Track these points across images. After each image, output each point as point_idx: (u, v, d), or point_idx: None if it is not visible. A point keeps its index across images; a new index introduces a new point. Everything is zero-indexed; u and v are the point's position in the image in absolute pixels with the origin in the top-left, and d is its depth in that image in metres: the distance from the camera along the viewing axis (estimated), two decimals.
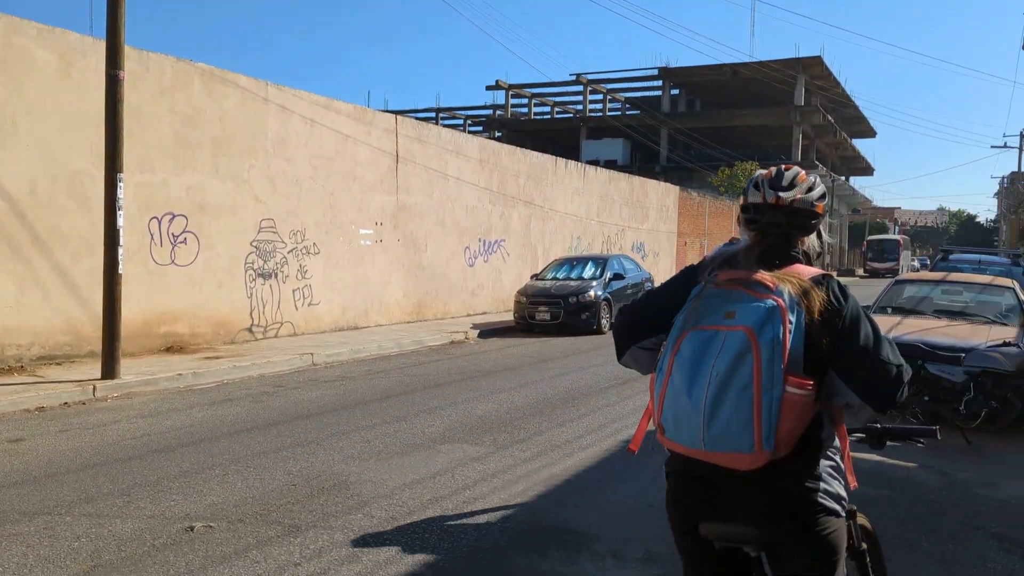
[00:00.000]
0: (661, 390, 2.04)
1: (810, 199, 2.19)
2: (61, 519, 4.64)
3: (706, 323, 2.02)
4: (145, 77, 11.04)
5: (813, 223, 2.20)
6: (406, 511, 4.88)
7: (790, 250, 2.19)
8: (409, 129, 16.51)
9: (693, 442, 1.98)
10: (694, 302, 2.10)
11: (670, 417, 2.02)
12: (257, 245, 12.95)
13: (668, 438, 2.05)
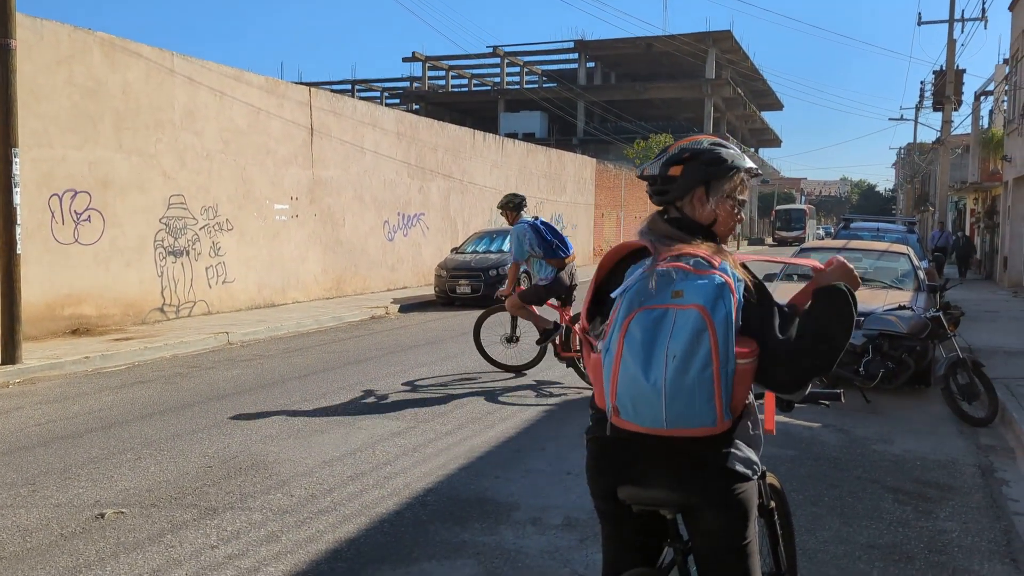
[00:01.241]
0: (612, 372, 2.03)
1: (657, 165, 2.27)
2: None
3: (654, 302, 2.02)
4: (40, 46, 10.47)
5: (667, 187, 2.24)
6: (326, 488, 4.86)
7: (674, 217, 2.25)
8: (324, 102, 16.16)
9: (655, 422, 2.00)
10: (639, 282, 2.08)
11: (627, 400, 2.02)
12: (167, 222, 12.52)
13: (625, 419, 2.04)
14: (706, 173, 2.23)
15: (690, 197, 2.25)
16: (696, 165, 2.23)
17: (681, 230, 2.22)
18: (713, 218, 2.26)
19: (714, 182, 2.24)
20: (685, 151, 2.25)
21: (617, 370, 2.02)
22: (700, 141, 2.29)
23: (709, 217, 2.26)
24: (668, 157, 2.26)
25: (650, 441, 2.10)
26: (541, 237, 8.06)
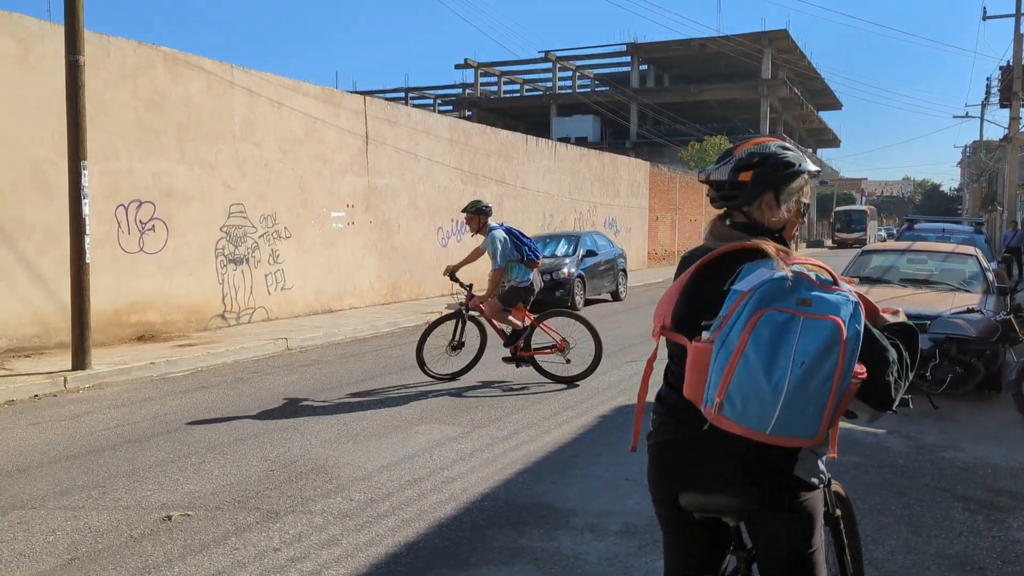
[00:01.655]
0: (727, 367, 1.93)
1: (724, 170, 2.22)
2: (36, 513, 4.61)
3: (780, 305, 1.95)
4: (107, 62, 10.84)
5: (736, 192, 2.20)
6: (384, 493, 4.91)
7: (739, 222, 2.22)
8: (378, 110, 16.37)
9: (760, 425, 1.91)
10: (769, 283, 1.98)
11: (737, 397, 1.91)
12: (227, 231, 12.82)
13: (726, 416, 1.94)
14: (775, 178, 2.19)
15: (759, 202, 2.21)
16: (765, 170, 2.19)
17: (749, 234, 2.18)
18: (783, 223, 2.23)
19: (782, 186, 2.21)
20: (754, 155, 2.21)
21: (734, 365, 1.92)
22: (766, 145, 2.25)
23: (780, 222, 2.22)
24: (737, 162, 2.21)
25: (714, 446, 2.07)
26: (517, 241, 8.38)
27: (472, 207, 8.53)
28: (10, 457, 5.85)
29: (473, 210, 8.51)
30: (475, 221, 8.52)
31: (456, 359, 8.65)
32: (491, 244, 8.33)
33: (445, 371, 8.57)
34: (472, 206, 8.54)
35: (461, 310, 8.60)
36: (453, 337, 8.63)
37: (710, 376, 1.97)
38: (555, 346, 8.49)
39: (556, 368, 8.54)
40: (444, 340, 8.66)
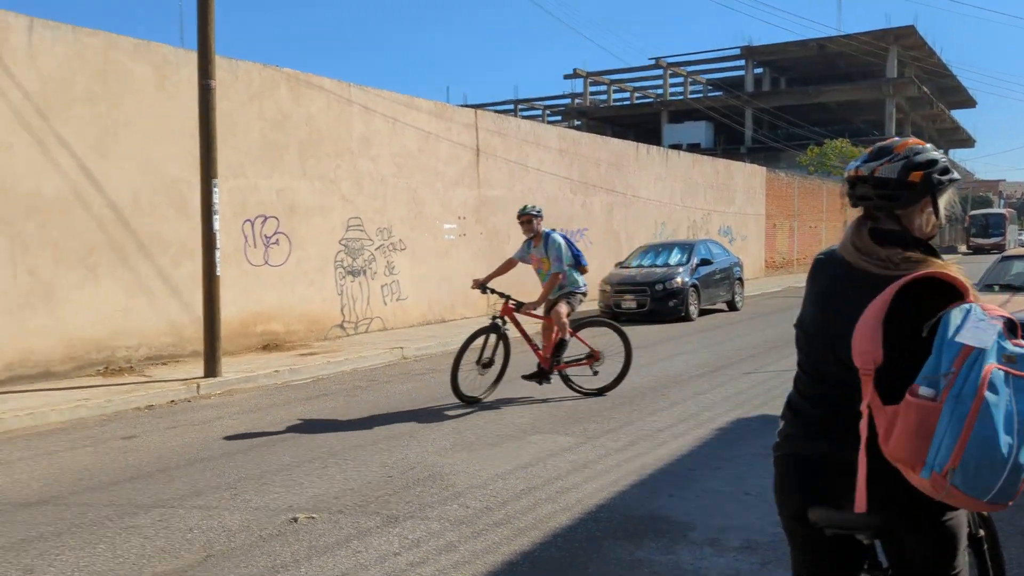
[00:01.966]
0: (964, 428, 1.72)
1: (894, 167, 2.04)
2: (174, 512, 4.87)
3: (996, 362, 1.77)
4: (235, 85, 11.44)
5: (902, 193, 2.04)
6: (500, 501, 4.93)
7: (888, 229, 2.08)
8: (489, 123, 16.59)
9: (983, 493, 1.73)
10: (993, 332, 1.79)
11: (971, 464, 1.71)
12: (345, 243, 13.27)
13: (954, 485, 1.73)
14: (938, 183, 2.05)
15: (918, 207, 2.06)
16: (932, 173, 2.04)
17: (897, 245, 2.02)
18: (935, 233, 2.09)
19: (939, 193, 2.06)
20: (925, 156, 2.05)
21: (971, 429, 1.72)
22: (925, 147, 2.10)
23: (933, 231, 2.08)
24: (908, 161, 2.04)
25: (849, 462, 1.96)
26: (570, 246, 8.20)
27: (532, 209, 8.19)
28: (151, 458, 6.22)
29: (535, 212, 8.17)
30: (532, 225, 8.16)
31: (484, 378, 8.05)
32: (552, 247, 8.01)
33: (472, 393, 7.95)
34: (532, 208, 8.21)
35: (498, 323, 8.11)
36: (482, 353, 8.05)
37: (939, 439, 1.76)
38: (591, 356, 8.18)
39: (584, 381, 8.24)
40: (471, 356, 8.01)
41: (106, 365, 9.93)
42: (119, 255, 10.09)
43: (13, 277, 9.09)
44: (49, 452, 6.53)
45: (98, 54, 9.89)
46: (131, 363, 10.15)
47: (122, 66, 10.14)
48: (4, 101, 9.00)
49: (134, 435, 7.05)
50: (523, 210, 8.25)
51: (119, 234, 10.09)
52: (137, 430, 7.26)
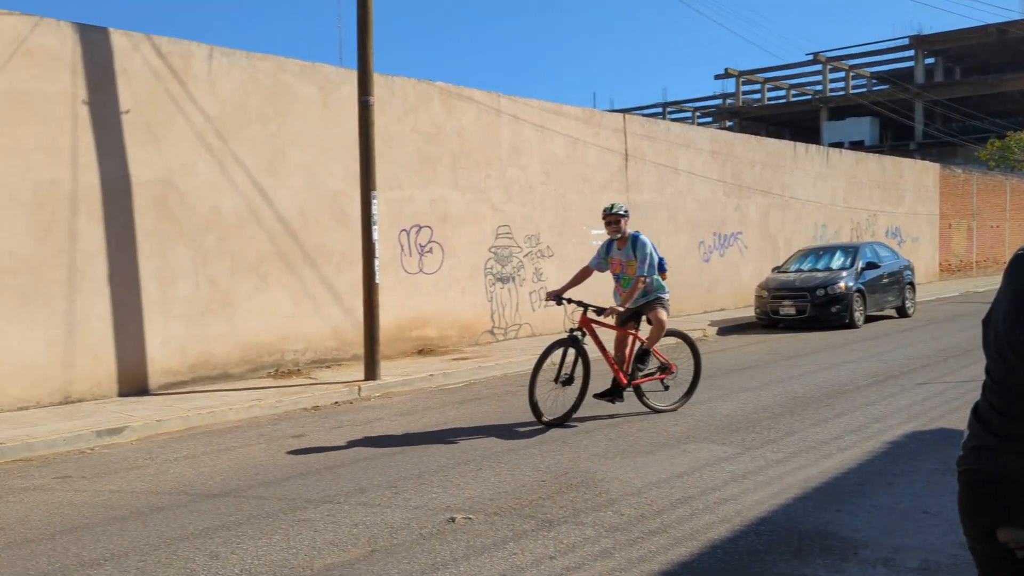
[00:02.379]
0: None
1: None
2: (340, 507, 5.10)
3: None
4: (391, 100, 11.93)
5: None
6: (655, 510, 4.82)
7: None
8: (637, 127, 16.42)
9: None
10: None
11: None
12: (495, 251, 13.50)
13: None
14: None
15: None
16: None
17: None
18: None
19: None
20: None
21: None
22: None
23: None
24: None
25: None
26: (654, 249, 7.58)
27: (620, 209, 7.47)
28: (318, 456, 6.56)
29: (623, 212, 7.48)
30: (619, 226, 7.45)
31: (565, 397, 7.35)
32: (641, 249, 7.39)
33: (552, 415, 7.27)
34: (620, 208, 7.48)
35: (576, 336, 7.42)
36: (560, 370, 7.35)
37: None
38: (665, 369, 7.68)
39: (655, 398, 7.75)
40: (547, 374, 7.37)
41: (276, 368, 10.59)
42: (287, 264, 10.74)
43: (196, 286, 9.87)
44: (228, 448, 7.02)
45: (269, 77, 10.59)
46: (298, 366, 10.76)
47: (290, 87, 10.81)
48: (188, 125, 9.81)
49: (302, 434, 7.46)
50: (610, 209, 7.48)
51: (287, 245, 10.74)
52: (305, 429, 7.68)
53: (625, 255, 7.52)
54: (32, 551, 4.54)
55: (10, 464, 6.72)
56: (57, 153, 8.77)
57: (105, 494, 5.69)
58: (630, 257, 7.46)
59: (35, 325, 8.61)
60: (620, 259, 7.58)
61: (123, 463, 6.61)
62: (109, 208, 9.16)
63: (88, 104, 8.99)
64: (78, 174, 8.92)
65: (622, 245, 7.55)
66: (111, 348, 9.19)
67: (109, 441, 7.39)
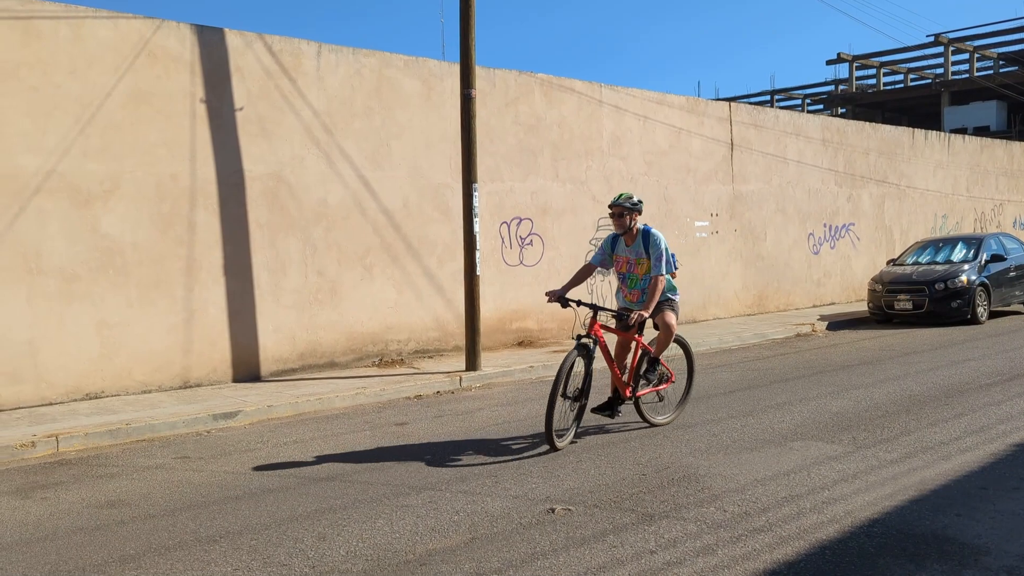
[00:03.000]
0: None
1: None
2: (442, 495, 5.18)
3: None
4: (492, 92, 11.99)
5: None
6: (760, 507, 4.68)
7: None
8: (744, 115, 15.96)
9: None
10: None
11: None
12: (595, 243, 13.40)
13: None
14: None
15: None
16: None
17: None
18: None
19: None
20: None
21: None
22: None
23: None
24: None
25: None
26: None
27: (627, 200, 6.52)
28: (420, 445, 6.68)
29: (631, 205, 6.51)
30: (624, 220, 6.52)
31: (570, 414, 6.40)
32: (654, 245, 6.50)
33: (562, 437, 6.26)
34: (628, 199, 6.52)
35: (588, 343, 6.32)
36: (567, 383, 6.17)
37: None
38: (666, 379, 6.99)
39: (650, 410, 6.95)
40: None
41: (380, 357, 10.84)
42: (391, 256, 10.98)
43: (304, 277, 10.21)
44: (335, 434, 7.24)
45: (374, 72, 10.83)
46: (401, 356, 10.99)
47: (394, 82, 11.03)
48: (298, 120, 10.14)
49: (405, 422, 7.62)
50: (616, 200, 6.50)
51: (391, 236, 10.97)
52: (408, 418, 7.84)
53: (635, 252, 6.59)
54: (155, 525, 4.80)
55: (135, 443, 7.14)
56: (177, 149, 9.23)
57: (220, 474, 5.96)
58: (640, 255, 6.56)
59: (158, 313, 9.11)
60: (628, 256, 6.65)
61: (237, 445, 6.92)
62: (224, 201, 9.58)
63: (205, 102, 9.42)
64: (196, 169, 9.37)
65: (630, 241, 6.59)
66: (226, 335, 9.62)
67: (224, 424, 7.74)
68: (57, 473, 6.20)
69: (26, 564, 4.24)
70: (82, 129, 8.60)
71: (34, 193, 8.34)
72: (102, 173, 8.75)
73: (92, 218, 8.71)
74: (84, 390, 8.66)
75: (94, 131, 8.69)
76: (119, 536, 4.62)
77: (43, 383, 8.41)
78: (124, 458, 6.62)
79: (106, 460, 6.57)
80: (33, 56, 8.34)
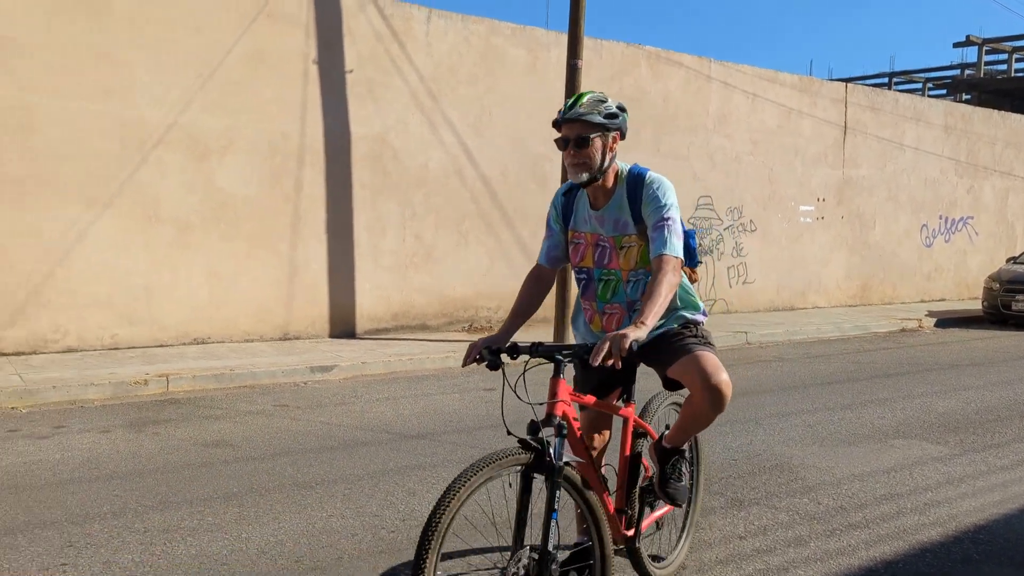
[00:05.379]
0: None
1: None
2: None
3: None
4: (598, 64, 11.83)
5: None
6: (856, 503, 4.52)
7: None
8: (860, 97, 15.27)
9: None
10: None
11: None
12: (694, 222, 13.13)
13: None
14: None
15: None
16: None
17: None
18: None
19: None
20: None
21: None
22: None
23: None
24: None
25: None
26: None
27: (592, 107, 3.14)
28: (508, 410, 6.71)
29: (598, 116, 3.25)
30: (591, 150, 3.01)
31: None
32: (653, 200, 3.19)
33: None
34: (592, 102, 3.02)
35: (545, 441, 2.73)
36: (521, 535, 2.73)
37: None
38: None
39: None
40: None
41: (470, 323, 10.96)
42: (486, 223, 11.04)
43: (402, 240, 10.38)
44: (425, 394, 7.37)
45: (481, 39, 10.83)
46: (490, 323, 11.08)
47: (500, 50, 11.00)
48: (404, 83, 10.26)
49: (493, 388, 7.69)
50: (569, 106, 2.97)
51: (487, 204, 11.03)
52: (495, 384, 7.90)
53: (611, 220, 3.11)
54: (255, 468, 5.01)
55: (237, 389, 7.46)
56: (288, 108, 9.49)
57: (317, 424, 6.17)
58: (623, 224, 3.10)
59: (263, 266, 9.44)
60: (597, 232, 3.16)
61: (332, 398, 7.14)
62: (330, 161, 9.81)
63: (317, 63, 9.63)
64: (305, 128, 9.61)
65: (602, 198, 3.13)
66: (325, 292, 9.90)
67: (320, 377, 8.00)
68: (167, 411, 6.55)
69: (140, 493, 4.50)
70: (203, 85, 8.94)
71: (155, 145, 8.74)
72: (219, 128, 9.08)
73: (208, 171, 9.06)
74: (192, 335, 9.09)
75: (213, 87, 9.01)
76: (223, 474, 4.85)
77: (156, 326, 8.87)
78: (227, 402, 6.92)
79: (211, 402, 6.89)
80: (161, 13, 8.69)
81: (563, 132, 2.99)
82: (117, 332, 8.66)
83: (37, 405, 6.65)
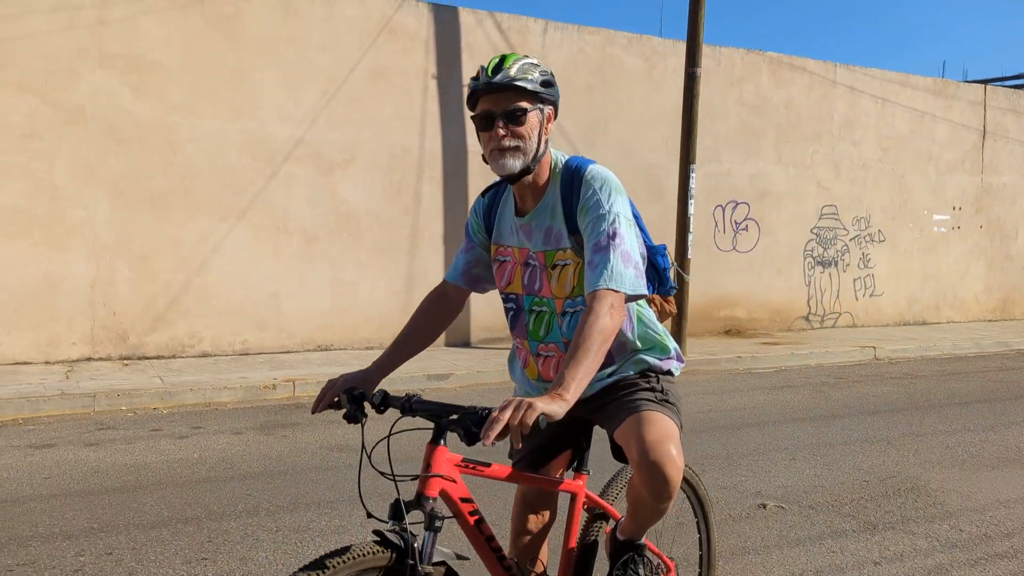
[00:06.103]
0: None
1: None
2: None
3: None
4: (716, 71, 11.59)
5: None
6: (1004, 531, 4.22)
7: None
8: (1001, 99, 14.35)
9: None
10: None
11: None
12: (817, 232, 12.66)
13: None
14: None
15: None
16: None
17: None
18: None
19: None
20: None
21: None
22: None
23: None
24: None
25: None
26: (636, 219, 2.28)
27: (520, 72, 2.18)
28: None
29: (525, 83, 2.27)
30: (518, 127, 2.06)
31: None
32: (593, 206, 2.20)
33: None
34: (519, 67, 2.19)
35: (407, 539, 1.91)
36: None
37: None
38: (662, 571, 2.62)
39: None
40: None
41: None
42: None
43: None
44: None
45: (596, 50, 10.82)
46: None
47: (616, 59, 10.95)
48: None
49: None
50: (495, 67, 2.07)
51: None
52: None
53: (542, 230, 2.23)
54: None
55: None
56: (408, 122, 9.75)
57: None
58: (556, 237, 2.21)
59: (383, 276, 9.72)
60: (524, 246, 2.28)
61: None
62: (448, 174, 10.01)
63: (436, 78, 9.86)
64: (424, 142, 9.85)
65: (531, 201, 2.24)
66: None
67: (437, 385, 8.14)
68: (294, 415, 6.82)
69: (271, 493, 4.70)
70: (328, 102, 9.31)
71: (285, 159, 9.15)
72: (342, 143, 9.43)
73: (332, 184, 9.42)
74: (316, 341, 9.44)
75: (338, 103, 9.37)
76: (347, 478, 5.00)
77: (283, 332, 9.27)
78: None
79: None
80: (290, 32, 9.11)
81: (485, 105, 2.09)
82: (247, 338, 9.10)
83: (176, 406, 7.07)
